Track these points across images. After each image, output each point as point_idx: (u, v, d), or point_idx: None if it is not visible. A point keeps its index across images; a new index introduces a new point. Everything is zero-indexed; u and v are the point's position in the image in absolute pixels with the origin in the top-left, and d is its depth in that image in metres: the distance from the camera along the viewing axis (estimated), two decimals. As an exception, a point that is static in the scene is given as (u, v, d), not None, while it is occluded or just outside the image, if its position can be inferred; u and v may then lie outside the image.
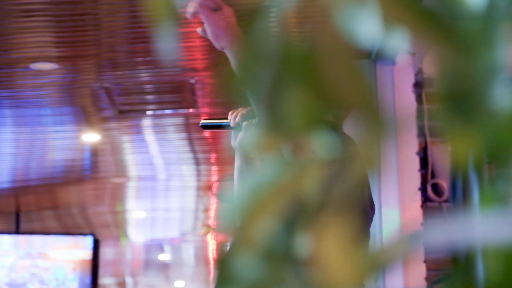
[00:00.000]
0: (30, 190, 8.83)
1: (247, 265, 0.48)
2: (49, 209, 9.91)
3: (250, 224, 0.49)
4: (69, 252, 9.01)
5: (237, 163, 2.53)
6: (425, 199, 3.85)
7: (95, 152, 7.39)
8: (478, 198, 0.56)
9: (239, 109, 2.46)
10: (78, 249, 9.05)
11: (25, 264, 8.91)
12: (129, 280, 14.45)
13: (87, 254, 9.01)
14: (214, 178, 8.46)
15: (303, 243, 0.49)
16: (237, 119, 2.44)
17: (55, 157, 7.50)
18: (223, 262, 0.49)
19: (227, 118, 2.52)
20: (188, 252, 13.46)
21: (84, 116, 6.31)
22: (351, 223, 0.48)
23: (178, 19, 0.53)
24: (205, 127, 2.66)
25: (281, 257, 0.49)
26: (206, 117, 2.69)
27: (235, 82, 0.49)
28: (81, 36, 4.85)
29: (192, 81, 5.43)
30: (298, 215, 0.50)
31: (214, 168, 8.08)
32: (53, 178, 8.34)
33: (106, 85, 5.56)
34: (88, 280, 8.93)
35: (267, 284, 0.48)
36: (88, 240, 9.11)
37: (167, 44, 0.53)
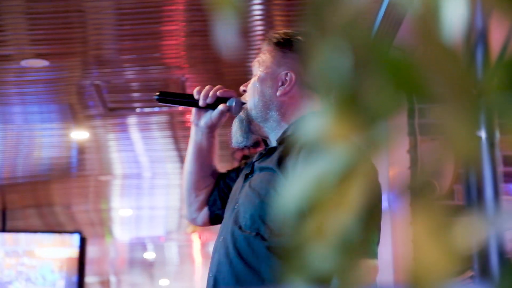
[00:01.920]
0: (16, 188, 8.79)
1: (320, 256, 0.48)
2: (35, 207, 9.87)
3: (322, 215, 0.48)
4: (55, 250, 8.98)
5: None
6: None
7: (82, 150, 7.38)
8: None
9: (208, 87, 2.35)
10: (65, 247, 9.01)
11: (11, 262, 8.87)
12: (113, 279, 14.41)
13: (74, 252, 8.98)
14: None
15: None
16: (208, 99, 2.34)
17: (42, 155, 7.48)
18: (294, 252, 0.49)
19: (189, 96, 2.39)
20: (173, 250, 13.45)
21: (72, 113, 6.29)
22: (438, 211, 0.48)
23: (239, 9, 0.53)
24: (163, 100, 2.42)
25: (354, 248, 0.49)
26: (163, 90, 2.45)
27: (313, 71, 0.49)
28: (68, 34, 4.83)
29: (183, 78, 5.43)
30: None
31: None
32: (40, 176, 8.31)
33: (97, 82, 5.55)
34: (74, 278, 8.90)
35: (339, 274, 0.48)
36: (75, 238, 9.07)
37: (226, 35, 0.52)
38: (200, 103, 2.34)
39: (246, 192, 2.23)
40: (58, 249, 8.99)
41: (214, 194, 2.48)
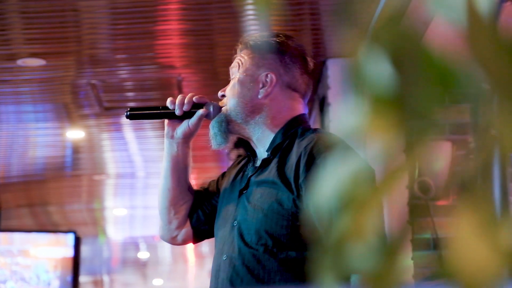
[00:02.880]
0: (10, 188, 8.77)
1: (359, 255, 0.48)
2: (29, 206, 9.85)
3: (360, 214, 0.48)
4: (50, 250, 8.96)
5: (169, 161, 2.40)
6: (412, 197, 3.86)
7: (76, 149, 7.37)
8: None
9: (180, 96, 2.30)
10: (59, 246, 8.99)
11: (6, 262, 8.85)
12: (106, 278, 14.39)
13: (68, 251, 8.97)
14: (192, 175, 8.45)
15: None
16: (185, 106, 2.28)
17: (37, 154, 7.47)
18: (330, 251, 0.48)
19: (162, 107, 2.33)
20: (167, 250, 13.44)
21: (67, 113, 6.29)
22: (486, 207, 0.47)
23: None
24: (133, 116, 2.42)
25: (393, 249, 0.48)
26: (133, 106, 2.36)
27: (355, 74, 0.49)
28: (63, 33, 4.83)
29: (179, 78, 5.43)
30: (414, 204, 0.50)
31: (192, 165, 8.07)
32: (34, 175, 8.30)
33: (92, 81, 5.55)
34: (69, 278, 8.88)
35: (379, 275, 0.48)
36: (69, 238, 9.06)
37: (263, 18, 0.53)
38: (177, 112, 2.30)
39: (246, 208, 2.18)
40: (53, 249, 8.98)
41: (196, 210, 2.41)
